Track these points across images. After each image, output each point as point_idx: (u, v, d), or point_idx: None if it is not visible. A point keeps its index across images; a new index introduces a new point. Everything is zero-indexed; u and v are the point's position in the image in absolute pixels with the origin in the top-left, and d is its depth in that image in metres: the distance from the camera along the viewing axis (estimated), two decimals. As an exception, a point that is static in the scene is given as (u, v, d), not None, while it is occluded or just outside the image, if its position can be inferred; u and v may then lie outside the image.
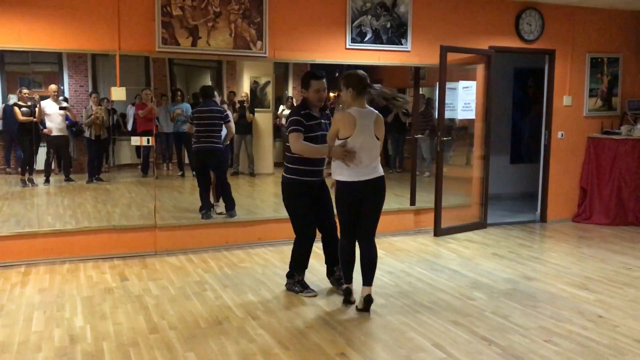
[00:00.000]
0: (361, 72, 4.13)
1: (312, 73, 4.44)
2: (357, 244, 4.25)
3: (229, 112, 6.74)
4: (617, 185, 7.45)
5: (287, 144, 4.37)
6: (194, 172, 7.56)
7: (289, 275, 4.68)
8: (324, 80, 4.38)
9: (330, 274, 4.74)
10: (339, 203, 4.21)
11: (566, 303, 4.46)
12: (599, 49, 7.62)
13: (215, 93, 6.76)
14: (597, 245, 6.41)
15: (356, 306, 4.24)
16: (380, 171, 4.14)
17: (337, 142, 4.08)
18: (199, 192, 6.52)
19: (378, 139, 4.11)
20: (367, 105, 4.13)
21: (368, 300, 4.15)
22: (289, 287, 4.64)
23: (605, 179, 7.50)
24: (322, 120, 4.43)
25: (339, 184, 4.16)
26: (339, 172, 4.12)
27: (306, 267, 4.65)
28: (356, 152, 4.01)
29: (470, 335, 3.78)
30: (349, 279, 4.36)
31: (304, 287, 4.57)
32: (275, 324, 3.96)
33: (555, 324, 4.01)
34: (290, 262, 4.66)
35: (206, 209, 6.39)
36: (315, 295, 4.50)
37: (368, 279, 4.16)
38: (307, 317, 4.11)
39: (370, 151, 4.07)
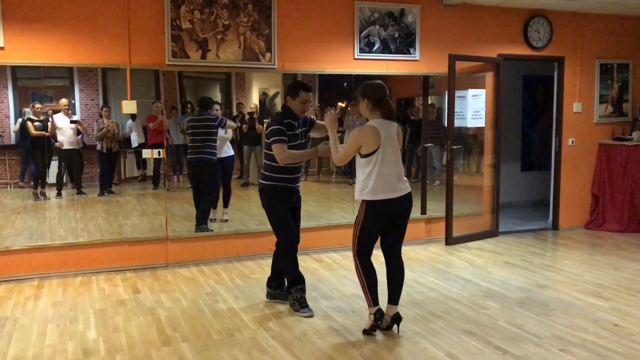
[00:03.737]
0: (379, 81, 3.96)
1: (302, 84, 4.38)
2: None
3: (224, 118, 6.66)
4: (630, 191, 7.39)
5: (268, 151, 4.29)
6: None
7: (288, 291, 4.49)
8: (311, 93, 4.36)
9: (280, 285, 4.62)
10: (366, 222, 3.90)
11: (580, 311, 4.42)
12: (609, 55, 7.60)
13: (216, 106, 6.74)
14: (611, 252, 6.35)
15: (378, 325, 3.99)
16: (409, 186, 3.98)
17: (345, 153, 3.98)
18: (194, 203, 6.49)
19: None
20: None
21: (398, 319, 3.97)
22: (290, 304, 4.46)
23: (618, 186, 7.45)
24: (300, 130, 4.36)
25: (369, 204, 3.87)
26: (369, 191, 3.85)
27: (300, 283, 4.41)
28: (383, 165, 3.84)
29: (484, 345, 3.75)
30: (377, 300, 3.98)
31: (303, 307, 4.35)
32: (287, 335, 3.95)
33: (570, 332, 3.98)
34: (286, 278, 4.49)
35: (204, 223, 6.32)
36: (311, 316, 4.29)
37: (397, 298, 4.01)
38: (320, 328, 4.10)
39: (397, 164, 3.89)
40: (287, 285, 4.52)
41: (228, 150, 6.90)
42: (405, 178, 4.00)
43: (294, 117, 4.31)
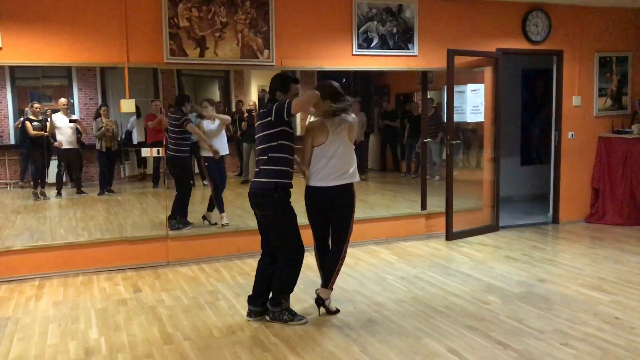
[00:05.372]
0: (333, 82, 4.18)
1: (291, 77, 4.18)
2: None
3: (188, 117, 6.52)
4: (630, 184, 7.38)
5: (270, 143, 3.97)
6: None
7: (274, 304, 4.13)
8: (299, 85, 4.19)
9: (266, 301, 4.20)
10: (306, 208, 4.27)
11: (581, 305, 4.42)
12: (607, 48, 7.58)
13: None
14: (611, 245, 6.35)
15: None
16: (350, 178, 4.13)
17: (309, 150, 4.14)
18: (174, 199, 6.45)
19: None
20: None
21: (318, 301, 4.26)
22: (275, 317, 4.10)
23: (617, 179, 7.44)
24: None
25: (306, 188, 4.21)
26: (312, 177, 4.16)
27: (290, 292, 4.20)
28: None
29: (485, 340, 3.76)
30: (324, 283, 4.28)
31: (294, 315, 4.11)
32: (289, 332, 3.95)
33: (571, 326, 3.98)
34: (278, 288, 4.12)
35: (175, 218, 6.18)
36: (306, 322, 4.09)
37: (326, 281, 4.22)
38: (321, 325, 4.10)
39: (344, 158, 4.10)
40: (274, 296, 4.14)
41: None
42: (351, 171, 4.15)
43: None
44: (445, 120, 6.80)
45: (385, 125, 9.93)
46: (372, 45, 6.41)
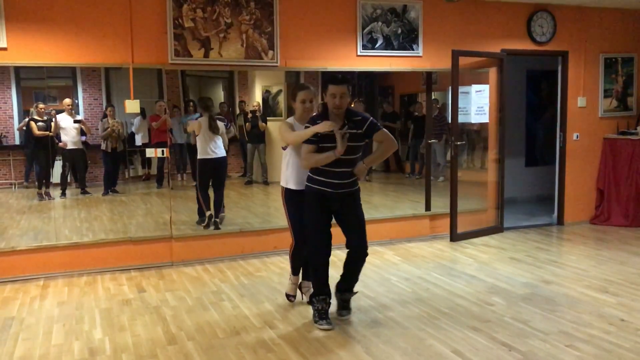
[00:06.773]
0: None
1: (331, 75, 3.97)
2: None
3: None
4: (635, 186, 7.35)
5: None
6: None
7: (308, 302, 4.31)
8: (343, 85, 3.87)
9: (338, 290, 4.27)
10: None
11: (587, 307, 4.40)
12: (613, 49, 7.55)
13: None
14: (616, 247, 6.33)
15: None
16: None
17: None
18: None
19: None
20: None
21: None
22: (313, 314, 4.17)
23: (623, 180, 7.42)
24: (348, 128, 3.91)
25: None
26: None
27: (323, 294, 4.09)
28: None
29: (489, 342, 3.74)
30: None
31: (321, 318, 4.04)
32: (293, 333, 3.95)
33: (576, 328, 3.96)
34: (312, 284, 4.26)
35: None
36: (330, 329, 3.98)
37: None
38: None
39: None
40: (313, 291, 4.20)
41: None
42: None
43: (327, 117, 3.92)
44: (449, 121, 6.79)
45: (385, 127, 9.92)
46: (376, 46, 6.40)
